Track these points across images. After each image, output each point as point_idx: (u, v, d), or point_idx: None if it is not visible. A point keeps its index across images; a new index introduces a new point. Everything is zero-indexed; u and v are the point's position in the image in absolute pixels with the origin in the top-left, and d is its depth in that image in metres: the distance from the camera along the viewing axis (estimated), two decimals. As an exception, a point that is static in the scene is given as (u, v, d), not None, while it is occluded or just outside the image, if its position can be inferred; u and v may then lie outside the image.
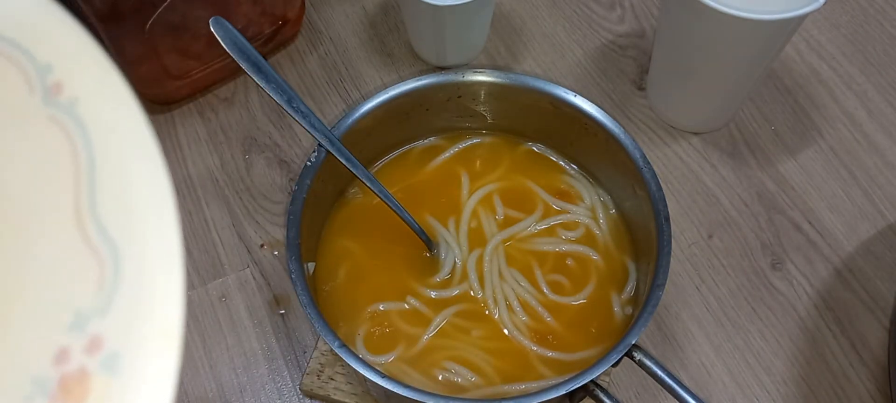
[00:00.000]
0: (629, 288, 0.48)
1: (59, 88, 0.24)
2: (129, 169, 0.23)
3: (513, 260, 0.49)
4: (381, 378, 0.39)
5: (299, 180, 0.46)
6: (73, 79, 0.24)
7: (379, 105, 0.49)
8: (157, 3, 0.53)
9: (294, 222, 0.44)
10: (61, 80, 0.24)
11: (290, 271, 0.42)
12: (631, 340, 0.40)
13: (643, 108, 0.61)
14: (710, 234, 0.55)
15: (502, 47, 0.65)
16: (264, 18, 0.60)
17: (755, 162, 0.58)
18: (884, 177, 0.57)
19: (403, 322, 0.47)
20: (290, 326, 0.52)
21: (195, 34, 0.57)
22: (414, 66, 0.64)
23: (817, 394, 0.49)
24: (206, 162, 0.59)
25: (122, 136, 0.23)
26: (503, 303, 0.47)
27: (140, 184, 0.23)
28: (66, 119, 0.23)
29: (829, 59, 0.64)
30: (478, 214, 0.51)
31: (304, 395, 0.49)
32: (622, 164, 0.48)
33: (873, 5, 0.67)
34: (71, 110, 0.23)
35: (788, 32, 0.50)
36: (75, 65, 0.24)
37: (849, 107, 0.61)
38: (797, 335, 0.51)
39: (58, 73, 0.24)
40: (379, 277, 0.49)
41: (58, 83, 0.24)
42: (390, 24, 0.66)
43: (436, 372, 0.45)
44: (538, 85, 0.50)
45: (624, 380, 0.49)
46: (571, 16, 0.67)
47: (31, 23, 0.25)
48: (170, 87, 0.59)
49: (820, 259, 0.54)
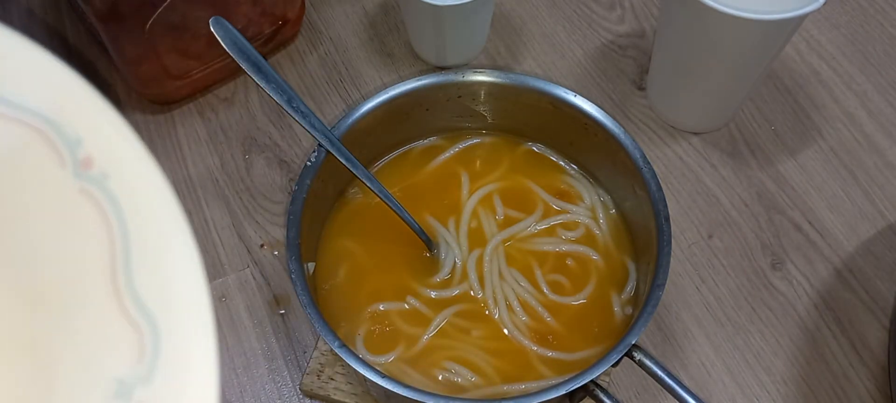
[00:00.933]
0: (629, 288, 0.48)
1: (89, 162, 0.25)
2: (161, 241, 0.24)
3: (513, 260, 0.49)
4: (381, 378, 0.39)
5: (299, 180, 0.46)
6: (101, 152, 0.25)
7: (379, 105, 0.49)
8: (157, 3, 0.53)
9: (294, 222, 0.44)
10: (91, 154, 0.25)
11: (290, 271, 0.42)
12: (631, 340, 0.40)
13: (643, 108, 0.61)
14: (710, 234, 0.55)
15: (502, 47, 0.65)
16: (264, 18, 0.60)
17: (755, 162, 0.58)
18: (884, 177, 0.57)
19: (403, 322, 0.47)
20: (290, 326, 0.52)
21: (195, 34, 0.57)
22: (414, 66, 0.64)
23: (817, 394, 0.49)
24: (206, 162, 0.59)
25: (152, 209, 0.24)
26: (503, 303, 0.47)
27: (172, 256, 0.24)
28: (98, 192, 0.24)
29: (829, 59, 0.64)
30: (478, 214, 0.51)
31: (304, 395, 0.49)
32: (622, 164, 0.48)
33: (873, 5, 0.67)
34: (102, 184, 0.24)
35: (788, 32, 0.50)
36: (103, 139, 0.25)
37: (849, 107, 0.61)
38: (797, 335, 0.51)
39: (87, 147, 0.25)
40: (379, 277, 0.49)
41: (88, 157, 0.25)
42: (390, 24, 0.66)
43: (436, 372, 0.45)
44: (538, 85, 0.50)
45: (624, 380, 0.49)
46: (571, 16, 0.67)
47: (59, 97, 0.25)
48: (170, 87, 0.59)
49: (820, 259, 0.54)
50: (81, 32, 0.66)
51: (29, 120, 0.25)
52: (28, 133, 0.25)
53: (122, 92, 0.62)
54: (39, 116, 0.25)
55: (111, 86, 0.63)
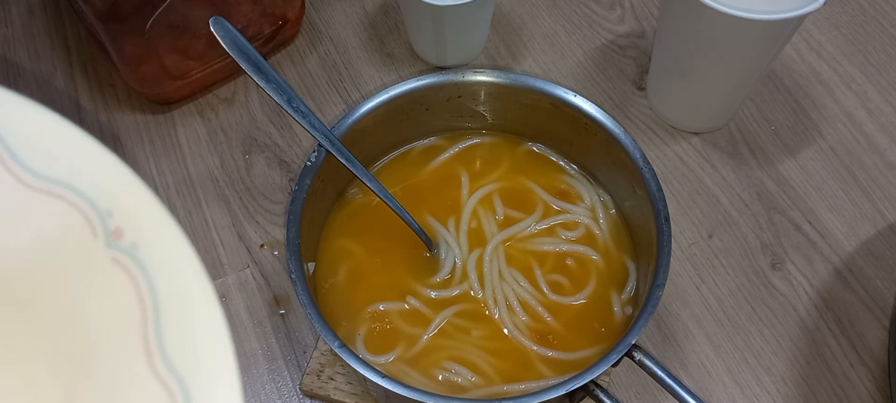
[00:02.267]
0: (629, 288, 0.48)
1: (120, 233, 0.27)
2: (189, 304, 0.26)
3: (513, 260, 0.49)
4: (381, 378, 0.39)
5: (299, 180, 0.46)
6: (131, 223, 0.27)
7: (379, 105, 0.49)
8: (157, 3, 0.53)
9: (294, 222, 0.44)
10: (121, 225, 0.27)
11: (290, 271, 0.42)
12: (631, 340, 0.40)
13: (643, 108, 0.61)
14: (710, 234, 0.55)
15: (502, 47, 0.65)
16: (264, 18, 0.60)
17: (755, 162, 0.58)
18: (884, 177, 0.57)
19: (403, 322, 0.47)
20: (290, 326, 0.52)
21: (195, 34, 0.57)
22: (414, 66, 0.64)
23: (817, 394, 0.49)
24: (206, 162, 0.59)
25: (179, 274, 0.26)
26: (503, 303, 0.47)
27: (199, 316, 0.26)
28: (129, 261, 0.26)
29: (829, 59, 0.64)
30: (478, 214, 0.51)
31: (304, 395, 0.49)
32: (622, 164, 0.48)
33: (873, 5, 0.67)
34: (133, 253, 0.26)
35: (788, 32, 0.50)
36: (133, 210, 0.27)
37: (849, 107, 0.61)
38: (797, 335, 0.51)
39: (118, 219, 0.27)
40: (379, 277, 0.49)
41: (118, 228, 0.27)
42: (390, 24, 0.66)
43: (436, 372, 0.45)
44: (538, 85, 0.50)
45: (624, 380, 0.49)
46: (571, 16, 0.67)
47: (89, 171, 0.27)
48: (170, 87, 0.59)
49: (820, 259, 0.54)
50: (81, 32, 0.66)
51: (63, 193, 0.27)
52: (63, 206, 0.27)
53: (122, 92, 0.62)
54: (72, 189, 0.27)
55: (111, 87, 0.63)
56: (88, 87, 0.63)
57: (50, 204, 0.27)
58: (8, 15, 0.67)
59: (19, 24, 0.66)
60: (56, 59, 0.64)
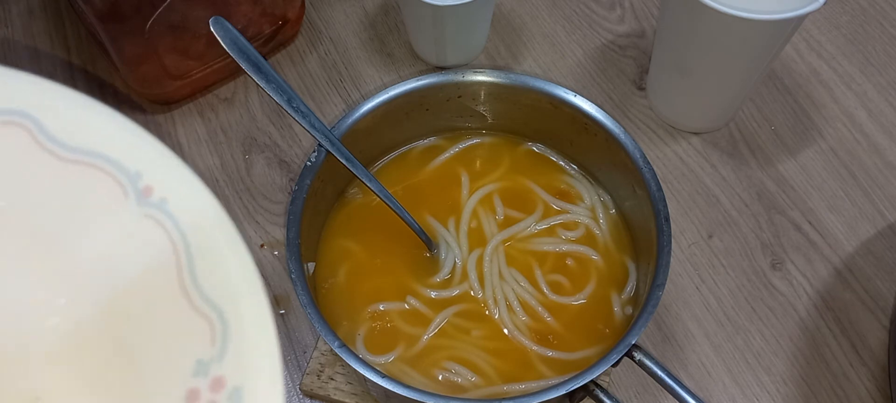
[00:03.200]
0: (629, 288, 0.48)
1: (150, 190, 0.30)
2: (218, 247, 0.30)
3: (513, 261, 0.49)
4: (381, 378, 0.39)
5: (299, 180, 0.46)
6: (158, 181, 0.30)
7: (379, 105, 0.49)
8: (157, 3, 0.53)
9: (294, 222, 0.44)
10: (150, 184, 0.30)
11: (290, 271, 0.42)
12: (631, 340, 0.40)
13: (643, 108, 0.61)
14: (710, 234, 0.55)
15: (502, 47, 0.65)
16: (264, 18, 0.60)
17: (755, 162, 0.58)
18: (884, 177, 0.57)
19: (403, 322, 0.47)
20: (290, 326, 0.52)
21: (195, 34, 0.57)
22: (414, 66, 0.64)
23: (817, 394, 0.49)
24: (206, 162, 0.59)
25: (206, 222, 0.30)
26: (503, 303, 0.47)
27: (228, 257, 0.30)
28: (160, 215, 0.30)
29: (829, 59, 0.64)
30: (478, 214, 0.51)
31: (304, 395, 0.49)
32: (622, 164, 0.48)
33: (873, 5, 0.67)
34: (162, 207, 0.30)
35: (788, 32, 0.50)
36: (159, 169, 0.31)
37: (849, 107, 0.61)
38: (797, 335, 0.51)
39: (146, 178, 0.30)
40: (379, 277, 0.49)
41: (147, 186, 0.30)
42: (390, 24, 0.66)
43: (436, 372, 0.45)
44: (538, 85, 0.50)
45: (624, 380, 0.49)
46: (571, 16, 0.67)
47: (117, 140, 0.31)
48: (170, 87, 0.59)
49: (820, 259, 0.54)
50: (81, 32, 0.66)
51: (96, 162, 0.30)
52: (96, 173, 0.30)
53: (122, 92, 0.62)
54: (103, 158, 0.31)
55: (111, 86, 0.63)
56: (88, 87, 0.62)
57: (84, 172, 0.30)
58: (8, 15, 0.67)
59: (19, 24, 0.66)
60: (56, 59, 0.64)
